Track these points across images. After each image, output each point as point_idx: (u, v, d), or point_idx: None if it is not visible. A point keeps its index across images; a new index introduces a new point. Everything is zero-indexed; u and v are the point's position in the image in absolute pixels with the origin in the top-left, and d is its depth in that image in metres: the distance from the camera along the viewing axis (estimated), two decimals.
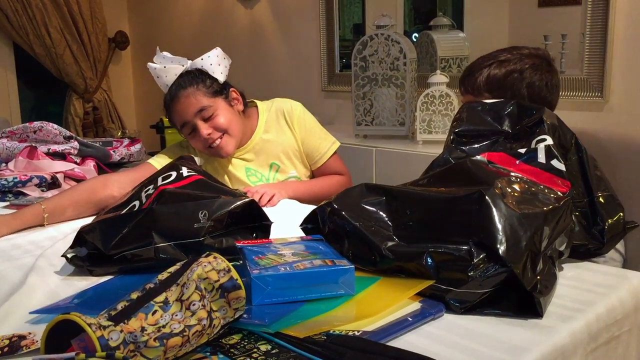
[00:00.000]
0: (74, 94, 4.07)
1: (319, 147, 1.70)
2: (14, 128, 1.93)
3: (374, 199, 0.96)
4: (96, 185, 1.45)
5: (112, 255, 0.98)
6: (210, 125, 1.55)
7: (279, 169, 1.67)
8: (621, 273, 0.95)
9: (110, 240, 0.98)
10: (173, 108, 1.58)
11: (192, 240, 0.99)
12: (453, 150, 1.09)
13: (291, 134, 1.68)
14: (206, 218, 1.00)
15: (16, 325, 0.80)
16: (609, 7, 1.99)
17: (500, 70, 1.41)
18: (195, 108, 1.54)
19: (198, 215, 1.00)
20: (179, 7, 3.92)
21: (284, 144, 1.67)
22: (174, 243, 0.98)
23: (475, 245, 0.80)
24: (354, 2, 3.02)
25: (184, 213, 1.01)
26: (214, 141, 1.56)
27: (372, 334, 0.72)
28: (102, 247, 0.98)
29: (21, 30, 3.74)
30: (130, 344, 0.61)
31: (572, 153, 1.04)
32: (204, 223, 0.99)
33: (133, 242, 0.98)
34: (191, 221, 1.00)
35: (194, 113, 1.54)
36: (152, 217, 1.00)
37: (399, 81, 2.36)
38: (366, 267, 0.90)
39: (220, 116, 1.56)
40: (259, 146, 1.66)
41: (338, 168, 1.74)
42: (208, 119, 1.55)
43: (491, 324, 0.77)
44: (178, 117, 1.58)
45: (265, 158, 1.66)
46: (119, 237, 0.98)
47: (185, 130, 1.58)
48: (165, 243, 0.98)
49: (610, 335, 0.82)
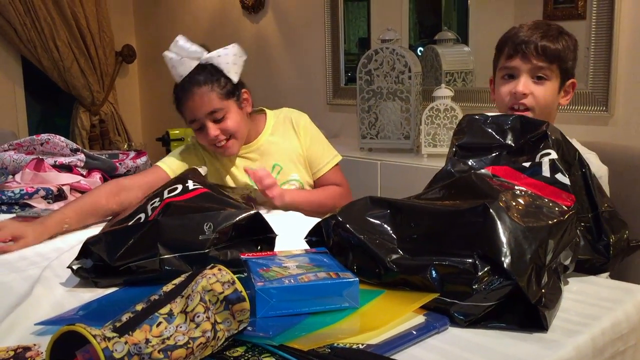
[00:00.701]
0: (80, 106, 4.10)
1: (322, 157, 1.72)
2: (21, 140, 1.94)
3: (378, 212, 0.97)
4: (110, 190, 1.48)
5: (117, 267, 0.98)
6: (219, 127, 1.59)
7: (280, 171, 1.68)
8: (626, 287, 0.95)
9: (115, 251, 0.98)
10: (185, 102, 1.62)
11: (197, 252, 0.99)
12: (456, 163, 1.09)
13: (297, 139, 1.71)
14: (211, 230, 1.00)
15: (21, 336, 0.80)
16: (614, 21, 2.00)
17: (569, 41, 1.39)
18: (208, 109, 1.58)
19: (203, 227, 1.00)
20: (186, 21, 3.95)
21: (288, 148, 1.70)
22: (178, 255, 0.99)
23: (480, 258, 0.80)
24: (360, 16, 3.04)
25: (189, 225, 1.01)
26: (220, 142, 1.61)
27: (377, 347, 0.72)
28: (107, 258, 0.98)
29: (29, 43, 3.78)
30: (135, 356, 0.61)
31: (575, 168, 1.04)
32: (209, 235, 1.00)
33: (138, 253, 0.98)
34: (196, 233, 1.00)
35: (205, 114, 1.59)
36: (157, 229, 1.00)
37: (404, 95, 2.37)
38: (370, 280, 0.90)
39: (229, 119, 1.60)
40: (264, 147, 1.70)
41: (338, 180, 1.76)
42: (218, 120, 1.59)
43: (496, 337, 0.77)
44: (189, 112, 1.62)
45: (268, 159, 1.69)
46: (124, 249, 0.98)
47: (194, 126, 1.63)
48: (170, 255, 0.98)
49: (615, 350, 0.82)
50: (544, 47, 1.36)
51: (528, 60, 1.37)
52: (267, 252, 1.00)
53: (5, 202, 1.57)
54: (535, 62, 1.37)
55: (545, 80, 1.37)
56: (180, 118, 1.70)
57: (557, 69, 1.38)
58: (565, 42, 1.38)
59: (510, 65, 1.39)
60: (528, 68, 1.37)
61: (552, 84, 1.38)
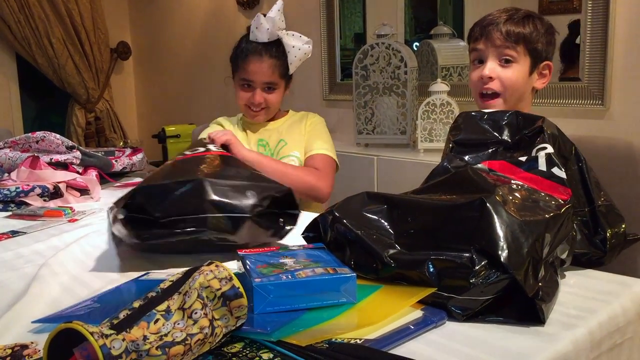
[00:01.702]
0: (76, 104, 4.09)
1: (317, 142, 1.83)
2: (16, 138, 1.94)
3: (375, 207, 0.97)
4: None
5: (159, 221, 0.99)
6: (265, 96, 1.78)
7: (285, 146, 1.83)
8: (623, 280, 0.95)
9: (160, 204, 1.00)
10: (250, 63, 1.76)
11: (242, 214, 1.02)
12: (453, 159, 1.09)
13: (305, 125, 1.87)
14: (255, 197, 1.04)
15: (18, 334, 0.80)
16: (609, 14, 2.00)
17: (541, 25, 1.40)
18: (267, 79, 1.77)
19: (246, 193, 1.05)
20: (181, 17, 3.94)
21: (295, 132, 1.86)
22: (223, 215, 1.01)
23: (477, 252, 0.80)
24: (355, 12, 3.03)
25: (235, 189, 1.05)
26: (257, 107, 1.79)
27: (374, 342, 0.72)
28: (152, 209, 0.99)
29: (24, 41, 3.76)
30: (133, 353, 0.61)
31: (572, 162, 1.04)
32: (251, 201, 1.04)
33: (184, 208, 1.00)
34: (241, 198, 1.04)
35: (263, 82, 1.77)
36: (204, 187, 1.02)
37: (400, 90, 2.37)
38: (368, 275, 0.90)
39: (275, 95, 1.81)
40: (276, 128, 1.87)
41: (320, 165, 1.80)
42: (266, 90, 1.78)
43: (493, 331, 0.77)
44: (249, 72, 1.77)
45: (277, 135, 1.86)
46: (169, 202, 1.00)
47: (243, 82, 1.79)
48: (217, 214, 1.01)
49: (612, 343, 0.82)
50: (508, 29, 1.38)
51: (493, 43, 1.39)
52: (263, 248, 1.00)
53: (1, 200, 1.57)
54: (499, 44, 1.38)
55: (512, 62, 1.39)
56: (177, 116, 1.71)
57: (524, 50, 1.38)
58: (533, 25, 1.39)
59: (477, 47, 1.42)
60: (494, 51, 1.39)
61: (520, 67, 1.39)
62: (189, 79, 3.97)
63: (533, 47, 1.38)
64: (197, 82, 3.90)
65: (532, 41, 1.38)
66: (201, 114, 3.83)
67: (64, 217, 1.46)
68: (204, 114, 3.78)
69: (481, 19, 1.44)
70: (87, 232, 1.29)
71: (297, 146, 1.83)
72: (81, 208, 1.56)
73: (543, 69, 1.41)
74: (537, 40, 1.39)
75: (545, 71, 1.42)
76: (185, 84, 4.00)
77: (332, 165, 1.80)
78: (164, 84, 4.17)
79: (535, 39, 1.39)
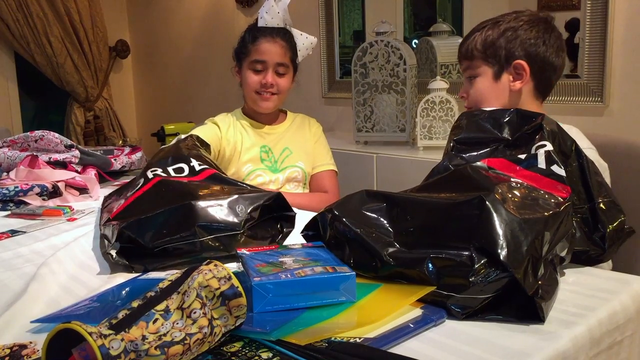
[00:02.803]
0: (75, 102, 4.08)
1: (324, 157, 1.89)
2: (15, 137, 1.93)
3: (374, 205, 0.96)
4: None
5: (152, 250, 1.00)
6: (276, 80, 1.77)
7: (289, 155, 1.84)
8: (622, 278, 0.95)
9: (151, 233, 1.01)
10: (260, 43, 1.76)
11: (234, 232, 1.03)
12: (453, 157, 1.09)
13: (309, 134, 1.89)
14: (244, 212, 1.05)
15: (17, 334, 0.80)
16: (608, 11, 2.00)
17: (493, 30, 1.39)
18: (279, 59, 1.77)
19: (236, 209, 1.05)
20: (180, 15, 3.94)
21: (300, 139, 1.87)
22: (215, 236, 1.03)
23: (476, 250, 0.80)
24: (354, 9, 3.03)
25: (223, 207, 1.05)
26: (267, 90, 1.77)
27: (374, 340, 0.72)
28: (142, 240, 1.00)
29: (22, 39, 3.76)
30: (131, 353, 0.61)
31: (572, 159, 1.04)
32: (242, 216, 1.05)
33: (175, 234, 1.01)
34: (231, 215, 1.04)
35: (276, 63, 1.76)
36: (193, 211, 1.03)
37: (399, 87, 2.37)
38: (367, 274, 0.89)
39: (285, 79, 1.80)
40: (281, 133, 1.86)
41: (329, 185, 1.87)
42: (278, 74, 1.77)
43: (493, 329, 0.77)
44: (262, 52, 1.76)
45: (282, 143, 1.85)
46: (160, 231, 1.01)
47: (256, 66, 1.77)
48: (208, 236, 1.02)
49: (612, 341, 0.82)
50: (460, 50, 1.46)
51: (461, 63, 1.48)
52: (263, 247, 1.00)
53: (0, 200, 1.57)
54: (462, 65, 1.47)
55: (475, 78, 1.43)
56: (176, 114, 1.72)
57: (482, 60, 1.40)
58: (489, 32, 1.39)
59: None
60: (463, 71, 1.47)
61: (482, 79, 1.42)
62: (188, 77, 3.96)
63: (488, 53, 1.39)
64: (196, 80, 3.90)
65: (483, 49, 1.40)
66: (200, 112, 3.83)
67: (63, 216, 1.46)
68: (203, 112, 3.77)
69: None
70: (86, 231, 1.29)
71: (302, 156, 1.85)
72: (80, 207, 1.55)
73: (516, 69, 1.38)
74: (488, 46, 1.39)
75: (520, 71, 1.38)
76: (185, 82, 4.00)
77: (336, 178, 1.90)
78: (163, 82, 4.17)
79: (486, 46, 1.39)
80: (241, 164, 1.80)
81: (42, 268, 1.05)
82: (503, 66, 1.39)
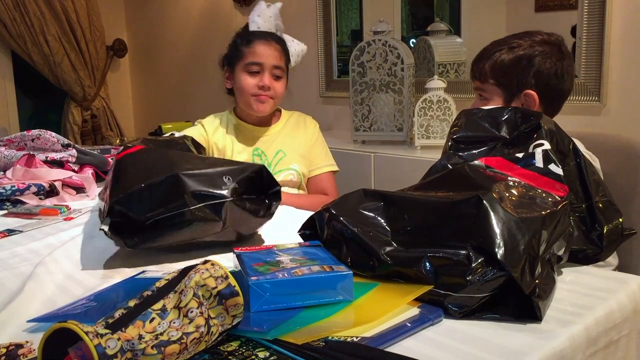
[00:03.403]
0: (72, 102, 4.07)
1: (322, 159, 1.86)
2: (12, 136, 1.93)
3: (372, 204, 0.96)
4: None
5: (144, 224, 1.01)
6: (272, 83, 1.75)
7: (283, 158, 1.80)
8: (620, 277, 0.95)
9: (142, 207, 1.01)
10: (258, 45, 1.74)
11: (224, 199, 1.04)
12: (451, 156, 1.09)
13: (304, 134, 1.85)
14: (231, 181, 1.06)
15: (13, 333, 0.80)
16: (605, 11, 2.00)
17: (508, 56, 1.38)
18: (275, 61, 1.75)
19: (223, 179, 1.06)
20: (177, 15, 3.93)
21: (294, 140, 1.84)
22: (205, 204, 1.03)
23: (474, 249, 0.80)
24: (352, 8, 3.02)
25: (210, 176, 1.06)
26: (264, 93, 1.74)
27: (371, 339, 0.71)
28: (134, 214, 1.01)
29: (19, 38, 3.75)
30: (128, 352, 0.61)
31: (570, 159, 1.04)
32: (229, 184, 1.05)
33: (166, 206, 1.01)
34: (219, 183, 1.05)
35: (272, 65, 1.74)
36: (180, 182, 1.03)
37: (397, 87, 2.37)
38: (364, 273, 0.89)
39: (280, 83, 1.77)
40: (274, 134, 1.83)
41: (328, 187, 1.85)
42: (274, 77, 1.75)
43: (490, 328, 0.77)
44: (258, 54, 1.74)
45: (275, 145, 1.81)
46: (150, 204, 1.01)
47: (253, 68, 1.74)
48: (199, 204, 1.02)
49: (609, 340, 0.82)
50: (473, 69, 1.44)
51: (473, 81, 1.46)
52: (260, 246, 1.00)
53: None
54: (474, 83, 1.46)
55: (487, 100, 1.42)
56: (173, 113, 1.72)
57: (494, 86, 1.39)
58: (506, 57, 1.37)
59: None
60: (475, 88, 1.46)
61: (493, 102, 1.40)
62: (186, 76, 3.96)
63: (502, 80, 1.38)
64: (194, 80, 3.89)
65: (501, 74, 1.38)
66: (198, 111, 3.82)
67: (60, 216, 1.45)
68: (201, 111, 3.76)
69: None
70: (83, 230, 1.28)
71: (296, 158, 1.81)
72: (77, 206, 1.55)
73: (526, 98, 1.38)
74: (502, 73, 1.38)
75: (530, 99, 1.37)
76: (182, 81, 3.99)
77: (334, 179, 1.88)
78: (160, 81, 4.16)
79: (499, 72, 1.38)
80: None
81: (39, 267, 1.05)
82: (514, 94, 1.39)
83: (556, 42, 1.40)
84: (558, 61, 1.37)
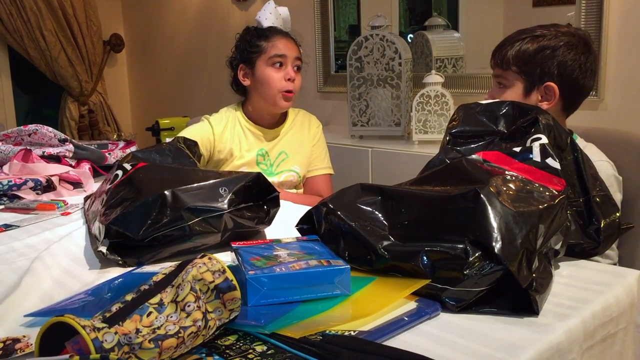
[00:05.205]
0: (69, 97, 4.06)
1: (321, 160, 1.89)
2: (8, 131, 1.92)
3: (369, 198, 0.96)
4: None
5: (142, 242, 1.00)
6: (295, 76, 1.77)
7: (285, 159, 1.82)
8: (617, 271, 0.95)
9: (139, 226, 1.00)
10: (278, 40, 1.76)
11: (221, 212, 1.04)
12: (449, 151, 1.09)
13: (308, 134, 1.87)
14: (227, 192, 1.06)
15: (10, 328, 0.79)
16: (603, 5, 2.00)
17: (532, 45, 1.36)
18: (297, 53, 1.79)
19: (219, 191, 1.06)
20: (174, 10, 3.92)
21: (298, 141, 1.86)
22: (203, 218, 1.03)
23: (471, 243, 0.80)
24: (349, 3, 3.02)
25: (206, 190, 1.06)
26: (290, 84, 1.75)
27: (368, 333, 0.72)
28: (132, 234, 1.00)
29: (15, 33, 3.73)
30: (125, 346, 0.61)
31: (567, 153, 1.04)
32: (226, 196, 1.05)
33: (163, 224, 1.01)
34: (215, 196, 1.05)
35: (295, 56, 1.77)
36: (177, 199, 1.03)
37: (395, 81, 2.36)
38: (362, 267, 0.89)
39: (300, 78, 1.80)
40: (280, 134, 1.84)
41: (325, 189, 1.87)
42: (296, 69, 1.78)
43: (487, 322, 0.77)
44: (279, 48, 1.76)
45: (279, 146, 1.83)
46: (148, 222, 1.00)
47: (275, 61, 1.75)
48: (196, 219, 1.02)
49: (606, 333, 0.82)
50: (495, 55, 1.43)
51: (494, 69, 1.44)
52: (258, 240, 0.99)
53: None
54: (495, 70, 1.44)
55: (505, 87, 1.41)
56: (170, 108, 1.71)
57: (516, 74, 1.38)
58: (527, 45, 1.36)
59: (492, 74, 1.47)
60: (495, 76, 1.44)
61: (512, 91, 1.39)
62: (183, 72, 3.95)
63: (525, 69, 1.36)
64: (191, 75, 3.88)
65: (524, 63, 1.36)
66: (195, 106, 3.82)
67: (57, 211, 1.45)
68: (198, 107, 3.77)
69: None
70: (80, 225, 1.28)
71: (298, 161, 1.84)
72: (74, 201, 1.55)
73: (547, 90, 1.37)
74: (524, 61, 1.37)
75: (550, 92, 1.36)
76: (179, 77, 3.98)
77: (331, 182, 1.91)
78: (157, 76, 4.15)
79: (521, 60, 1.37)
80: (235, 167, 1.79)
81: (36, 262, 1.05)
82: (535, 84, 1.37)
83: (583, 36, 1.38)
84: (582, 55, 1.35)
